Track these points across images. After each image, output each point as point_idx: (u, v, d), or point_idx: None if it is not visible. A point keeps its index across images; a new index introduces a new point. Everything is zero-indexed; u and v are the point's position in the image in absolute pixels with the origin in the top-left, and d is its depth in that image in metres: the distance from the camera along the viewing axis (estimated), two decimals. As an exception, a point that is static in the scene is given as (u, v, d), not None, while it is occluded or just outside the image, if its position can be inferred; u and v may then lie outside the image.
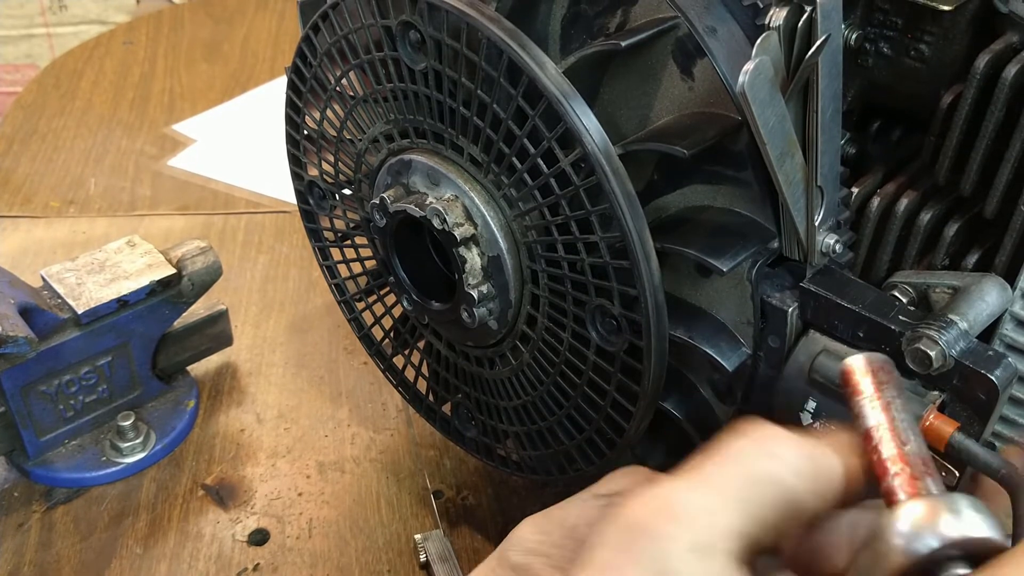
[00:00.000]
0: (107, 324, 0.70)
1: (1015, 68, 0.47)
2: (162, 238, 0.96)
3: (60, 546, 0.66)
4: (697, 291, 0.50)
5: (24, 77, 1.88)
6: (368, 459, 0.73)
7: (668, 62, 0.47)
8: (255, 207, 1.03)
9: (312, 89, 0.58)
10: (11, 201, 1.03)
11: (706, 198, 0.48)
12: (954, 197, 0.52)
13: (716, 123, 0.45)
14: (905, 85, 0.52)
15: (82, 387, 0.71)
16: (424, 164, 0.52)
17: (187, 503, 0.70)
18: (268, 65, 1.31)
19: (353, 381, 0.80)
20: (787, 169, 0.44)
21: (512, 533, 0.41)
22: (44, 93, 1.24)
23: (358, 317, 0.67)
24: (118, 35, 1.39)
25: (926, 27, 0.50)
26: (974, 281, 0.47)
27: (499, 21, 0.45)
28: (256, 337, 0.85)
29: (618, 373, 0.49)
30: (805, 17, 0.41)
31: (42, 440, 0.71)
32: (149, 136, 1.15)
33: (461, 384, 0.60)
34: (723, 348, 0.49)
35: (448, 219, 0.50)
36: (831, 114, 0.44)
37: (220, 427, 0.76)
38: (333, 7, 0.53)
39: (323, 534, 0.68)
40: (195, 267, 0.73)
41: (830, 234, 0.47)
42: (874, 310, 0.45)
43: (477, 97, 0.47)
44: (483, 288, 0.51)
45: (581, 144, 0.44)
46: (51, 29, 1.89)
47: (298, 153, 0.63)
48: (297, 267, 0.94)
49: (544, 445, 0.56)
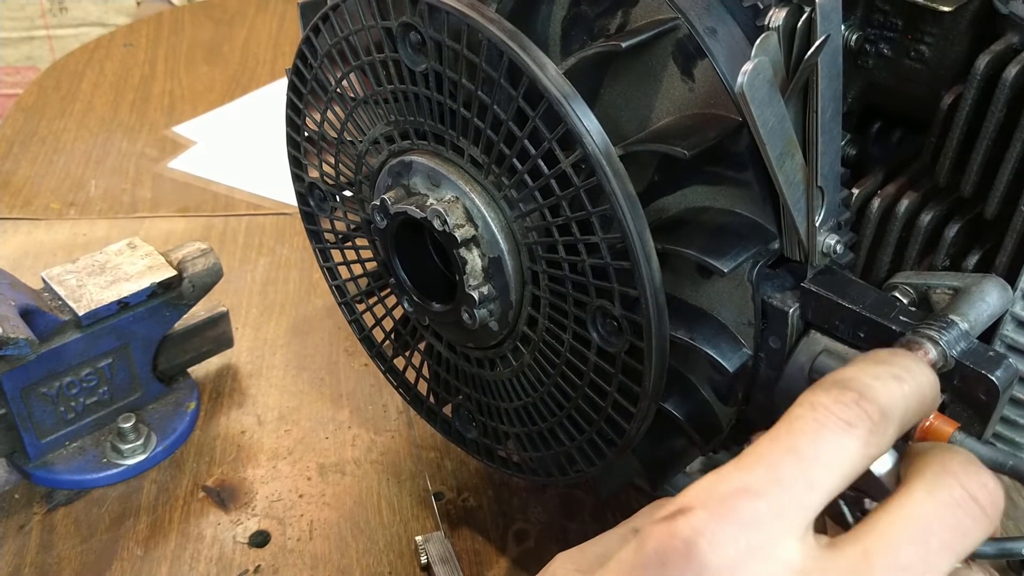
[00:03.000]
0: (108, 326, 0.70)
1: (1015, 69, 0.47)
2: (163, 240, 0.96)
3: (61, 548, 0.66)
4: (698, 292, 0.50)
5: (24, 79, 1.89)
6: (369, 461, 0.73)
7: (668, 63, 0.47)
8: (256, 209, 1.03)
9: (313, 91, 0.58)
10: (11, 203, 1.03)
11: (707, 199, 0.48)
12: (955, 198, 0.52)
13: (716, 124, 0.45)
14: (905, 86, 0.52)
15: (83, 389, 0.71)
16: (425, 165, 0.52)
17: (188, 505, 0.70)
18: (268, 67, 1.31)
19: (354, 383, 0.80)
20: (787, 170, 0.44)
21: (545, 569, 0.40)
22: (44, 95, 1.24)
23: (359, 319, 0.67)
24: (118, 37, 1.39)
25: (926, 28, 0.50)
26: (975, 282, 0.47)
27: (499, 22, 0.45)
28: (257, 339, 0.85)
29: (619, 374, 0.49)
30: (804, 17, 0.41)
31: (43, 442, 0.71)
32: (150, 138, 1.16)
33: (462, 386, 0.60)
34: (724, 349, 0.49)
35: (449, 220, 0.50)
36: (831, 115, 0.44)
37: (221, 429, 0.76)
38: (333, 9, 0.53)
39: (324, 536, 0.68)
40: (196, 269, 0.73)
41: (831, 235, 0.47)
42: (875, 310, 0.45)
43: (477, 98, 0.47)
44: (484, 289, 0.51)
45: (582, 145, 0.44)
46: (51, 31, 1.89)
47: (299, 155, 0.63)
48: (298, 269, 0.94)
49: (545, 446, 0.56)
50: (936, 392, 0.37)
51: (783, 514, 0.31)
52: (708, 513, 0.31)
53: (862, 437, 0.33)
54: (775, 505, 0.31)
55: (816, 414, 0.33)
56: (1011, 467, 0.39)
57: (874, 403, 0.33)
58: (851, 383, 0.34)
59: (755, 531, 0.31)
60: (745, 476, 0.32)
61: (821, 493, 0.32)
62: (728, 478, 0.32)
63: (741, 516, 0.31)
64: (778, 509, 0.31)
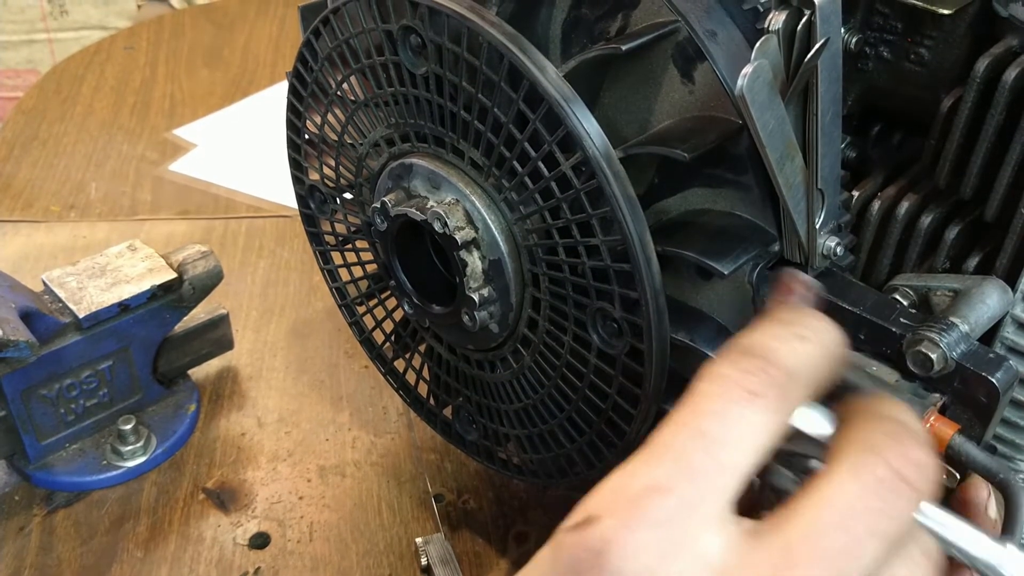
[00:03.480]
0: (108, 328, 0.70)
1: (1015, 71, 0.47)
2: (163, 242, 0.96)
3: (61, 550, 0.66)
4: (698, 294, 0.50)
5: (25, 82, 1.89)
6: (369, 463, 0.73)
7: (668, 66, 0.47)
8: (256, 211, 1.03)
9: (313, 94, 0.58)
10: (12, 206, 1.03)
11: (707, 201, 0.48)
12: (954, 200, 0.52)
13: (716, 127, 0.45)
14: (905, 89, 0.52)
15: (83, 391, 0.71)
16: (425, 168, 0.52)
17: (188, 507, 0.70)
18: (269, 70, 1.32)
19: (354, 385, 0.80)
20: (787, 172, 0.44)
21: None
22: (45, 98, 1.24)
23: (359, 321, 0.67)
24: (119, 40, 1.39)
25: (926, 31, 0.50)
26: (975, 284, 0.47)
27: (500, 25, 0.45)
28: (257, 341, 0.85)
29: (619, 376, 0.49)
30: (804, 20, 0.41)
31: (43, 444, 0.71)
32: (150, 141, 1.16)
33: (462, 387, 0.60)
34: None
35: (449, 223, 0.50)
36: (831, 117, 0.44)
37: (221, 431, 0.76)
38: (334, 12, 0.53)
39: (324, 538, 0.68)
40: (196, 271, 0.73)
41: (831, 237, 0.47)
42: (875, 312, 0.45)
43: (478, 101, 0.47)
44: (484, 292, 0.51)
45: (582, 147, 0.44)
46: (52, 34, 1.90)
47: (299, 157, 0.63)
48: (298, 271, 0.94)
49: (545, 448, 0.56)
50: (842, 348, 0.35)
51: (697, 506, 0.30)
52: (617, 520, 0.29)
53: (771, 406, 0.31)
54: (687, 498, 0.30)
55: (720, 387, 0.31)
56: (1000, 480, 0.39)
57: (779, 367, 0.32)
58: (754, 348, 0.32)
59: (668, 530, 0.29)
60: (653, 471, 0.30)
61: (735, 474, 0.31)
62: (636, 474, 0.31)
63: (652, 517, 0.29)
64: (690, 501, 0.30)
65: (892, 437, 0.32)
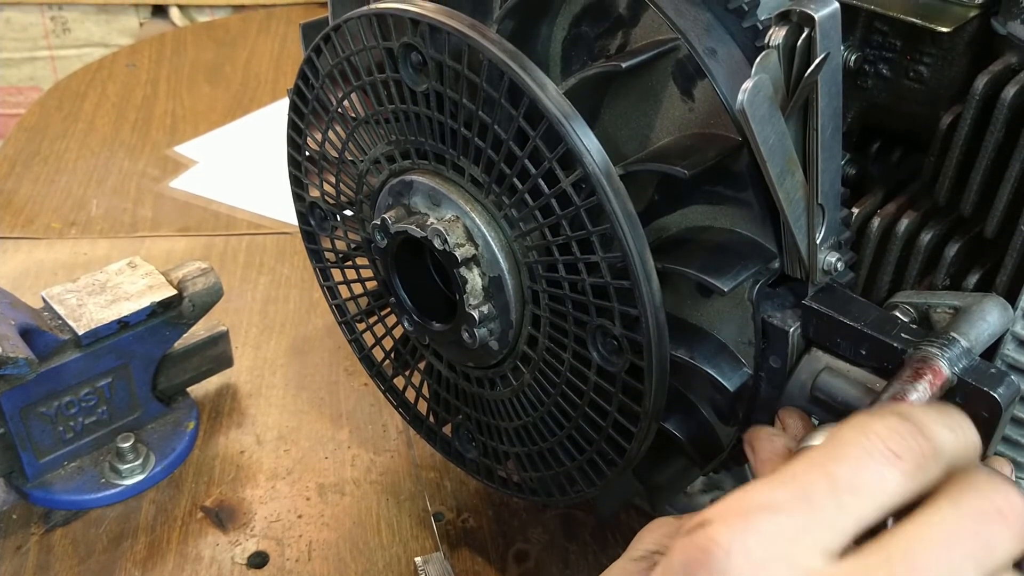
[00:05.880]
0: (107, 345, 0.70)
1: (1014, 89, 0.47)
2: (163, 259, 0.96)
3: (58, 568, 0.66)
4: (698, 311, 0.50)
5: (27, 99, 1.89)
6: (368, 481, 0.73)
7: (668, 83, 0.47)
8: (256, 228, 1.03)
9: (314, 111, 0.58)
10: (12, 223, 1.03)
11: (707, 218, 0.48)
12: (954, 217, 0.52)
13: (716, 144, 0.45)
14: (904, 106, 0.52)
15: (82, 408, 0.71)
16: (425, 185, 0.52)
17: (186, 525, 0.69)
18: (270, 87, 1.32)
19: (353, 402, 0.80)
20: (787, 187, 0.44)
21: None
22: (47, 115, 1.24)
23: (359, 338, 0.67)
24: (121, 58, 1.40)
25: (925, 49, 0.50)
26: (975, 301, 0.46)
27: (500, 43, 0.46)
28: (256, 358, 0.85)
29: (619, 393, 0.49)
30: (804, 36, 0.41)
31: (41, 462, 0.71)
32: (151, 158, 1.16)
33: (462, 405, 0.60)
34: (724, 368, 0.49)
35: (449, 239, 0.50)
36: (831, 132, 0.44)
37: (220, 449, 0.76)
38: (335, 29, 0.53)
39: (323, 557, 0.67)
40: (196, 288, 0.73)
41: (831, 252, 0.47)
42: (876, 327, 0.45)
43: (478, 118, 0.47)
44: (484, 308, 0.51)
45: (582, 164, 0.44)
46: (54, 52, 1.90)
47: (300, 174, 0.63)
48: (298, 288, 0.94)
49: (545, 466, 0.56)
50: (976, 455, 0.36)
51: (806, 532, 0.31)
52: (726, 526, 0.31)
53: (907, 471, 0.33)
54: (798, 523, 0.31)
55: (865, 439, 0.33)
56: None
57: (929, 440, 0.33)
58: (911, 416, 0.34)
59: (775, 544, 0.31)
60: (772, 492, 0.32)
61: (852, 519, 0.32)
62: (754, 493, 0.32)
63: (760, 528, 0.31)
64: (802, 526, 0.31)
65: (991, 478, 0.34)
